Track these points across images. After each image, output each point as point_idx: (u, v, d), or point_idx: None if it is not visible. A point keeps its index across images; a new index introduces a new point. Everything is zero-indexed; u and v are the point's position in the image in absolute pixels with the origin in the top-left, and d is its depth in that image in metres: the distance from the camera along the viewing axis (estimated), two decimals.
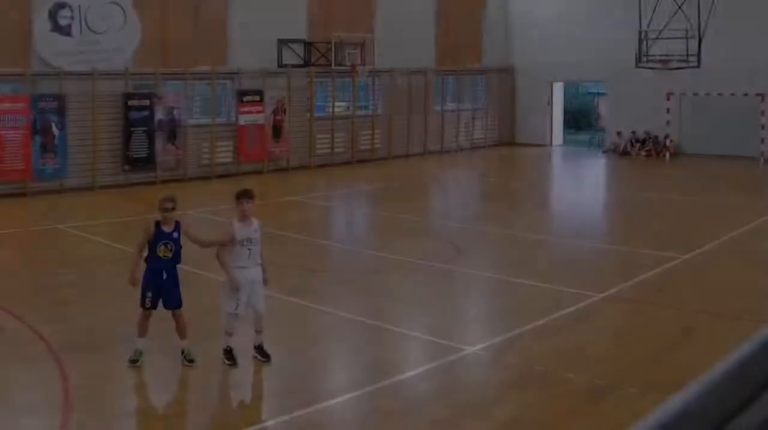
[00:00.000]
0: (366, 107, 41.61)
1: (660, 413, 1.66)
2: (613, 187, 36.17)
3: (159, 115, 32.68)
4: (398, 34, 40.83)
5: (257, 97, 35.79)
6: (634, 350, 13.95)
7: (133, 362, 12.81)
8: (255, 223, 13.07)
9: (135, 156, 32.14)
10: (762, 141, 39.55)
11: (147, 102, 32.48)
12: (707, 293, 17.62)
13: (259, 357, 13.12)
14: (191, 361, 12.92)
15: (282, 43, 37.01)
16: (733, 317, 15.64)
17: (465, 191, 34.63)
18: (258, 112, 35.71)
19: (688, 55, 36.78)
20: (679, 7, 36.07)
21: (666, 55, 37.64)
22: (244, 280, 12.75)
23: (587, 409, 11.57)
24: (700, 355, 13.32)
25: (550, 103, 48.18)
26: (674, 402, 1.70)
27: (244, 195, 13.03)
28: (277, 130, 36.38)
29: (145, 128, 32.28)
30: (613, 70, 43.12)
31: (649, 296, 17.38)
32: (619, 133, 44.13)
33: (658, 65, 38.18)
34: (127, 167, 31.99)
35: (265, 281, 13.15)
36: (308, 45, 38.06)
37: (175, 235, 12.92)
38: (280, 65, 36.97)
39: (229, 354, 12.96)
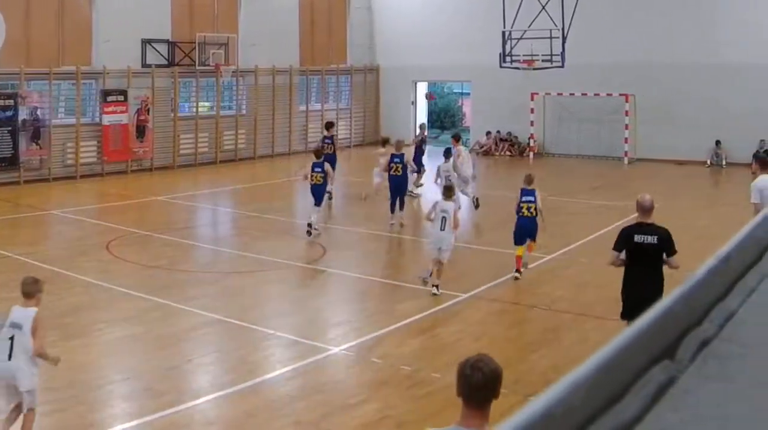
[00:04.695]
0: (230, 107, 41.33)
1: (524, 413, 1.62)
2: (477, 187, 36.40)
3: (23, 114, 31.98)
4: (262, 34, 40.68)
5: (121, 97, 35.22)
6: (500, 350, 14.03)
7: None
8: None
9: None
10: (626, 141, 40.30)
11: (11, 102, 31.79)
12: (572, 293, 17.89)
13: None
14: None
15: (146, 42, 36.54)
16: (597, 317, 15.87)
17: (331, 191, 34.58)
18: (122, 112, 35.14)
19: (552, 55, 37.08)
20: (543, 7, 36.42)
21: (530, 56, 38.00)
22: None
23: (454, 409, 11.59)
24: (565, 355, 13.55)
25: (414, 103, 48.44)
26: (538, 403, 1.66)
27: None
28: (140, 130, 35.86)
29: (8, 128, 31.58)
30: (477, 70, 43.50)
31: (514, 296, 17.60)
32: (488, 133, 44.55)
33: (523, 65, 38.53)
34: None
35: None
36: (172, 45, 37.63)
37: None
38: (144, 65, 36.47)
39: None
